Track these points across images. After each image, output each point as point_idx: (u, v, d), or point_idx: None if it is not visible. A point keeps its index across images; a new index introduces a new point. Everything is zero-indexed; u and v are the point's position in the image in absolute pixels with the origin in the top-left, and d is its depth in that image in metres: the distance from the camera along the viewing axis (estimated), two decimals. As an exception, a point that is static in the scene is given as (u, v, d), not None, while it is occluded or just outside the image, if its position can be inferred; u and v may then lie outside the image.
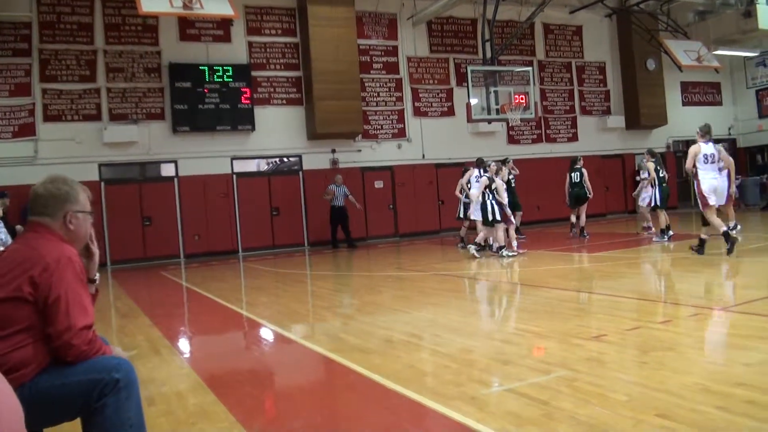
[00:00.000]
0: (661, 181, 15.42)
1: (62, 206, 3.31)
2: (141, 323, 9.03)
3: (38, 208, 3.31)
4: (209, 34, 19.94)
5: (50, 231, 3.28)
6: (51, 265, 3.07)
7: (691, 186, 15.40)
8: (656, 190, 15.33)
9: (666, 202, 15.58)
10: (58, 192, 3.32)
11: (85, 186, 3.50)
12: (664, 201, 15.41)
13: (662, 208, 15.33)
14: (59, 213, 3.31)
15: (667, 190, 15.56)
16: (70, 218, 3.33)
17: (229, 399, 5.11)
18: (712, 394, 4.34)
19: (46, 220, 3.29)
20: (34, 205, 3.32)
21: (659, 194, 15.29)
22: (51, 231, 3.28)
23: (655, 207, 15.40)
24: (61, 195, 3.32)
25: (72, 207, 3.34)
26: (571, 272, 11.90)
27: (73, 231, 3.35)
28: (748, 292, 8.30)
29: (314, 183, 20.82)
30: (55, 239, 3.25)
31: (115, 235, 18.24)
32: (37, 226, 3.29)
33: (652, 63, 25.97)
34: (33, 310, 3.04)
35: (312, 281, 13.43)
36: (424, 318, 8.22)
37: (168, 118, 19.23)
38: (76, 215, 3.35)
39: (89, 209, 3.47)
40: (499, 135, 23.92)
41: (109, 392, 3.05)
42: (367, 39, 22.04)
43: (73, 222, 3.34)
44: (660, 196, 15.28)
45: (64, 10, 18.33)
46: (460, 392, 4.80)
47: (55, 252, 3.13)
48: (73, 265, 3.16)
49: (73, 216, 3.34)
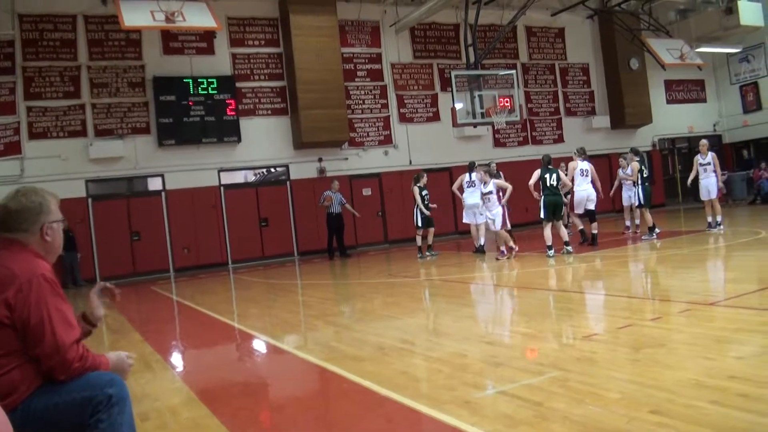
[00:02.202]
0: (645, 180, 15.47)
1: (37, 218, 3.22)
2: (132, 339, 8.99)
3: (12, 223, 3.20)
4: (192, 46, 19.93)
5: (23, 247, 3.18)
6: (25, 286, 2.99)
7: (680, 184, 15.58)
8: (639, 189, 15.38)
9: (649, 200, 15.67)
10: (32, 205, 3.22)
11: (53, 192, 3.39)
12: (648, 199, 15.47)
13: (647, 206, 15.39)
14: (35, 226, 3.22)
15: (649, 188, 15.63)
16: (46, 230, 3.25)
17: (222, 412, 5.08)
18: (706, 389, 4.34)
19: (21, 236, 3.20)
20: (6, 221, 3.20)
21: (642, 193, 15.34)
22: (24, 246, 3.19)
23: (640, 206, 15.45)
24: (35, 207, 3.23)
25: (47, 218, 3.26)
26: (561, 272, 11.92)
27: (49, 242, 3.27)
28: (737, 287, 8.33)
29: (302, 192, 20.81)
30: (30, 255, 3.16)
31: (104, 251, 18.15)
32: (8, 243, 3.18)
33: (636, 62, 26.10)
34: (12, 333, 2.97)
35: (303, 291, 13.40)
36: (415, 323, 8.22)
37: (153, 132, 19.18)
38: (51, 226, 3.27)
39: (61, 217, 3.38)
40: (485, 139, 23.98)
41: (103, 408, 3.02)
42: (351, 47, 22.07)
43: (49, 233, 3.27)
44: (644, 195, 15.34)
45: (47, 27, 18.27)
46: (454, 396, 4.79)
47: (29, 270, 3.05)
48: (48, 282, 3.07)
49: (48, 227, 3.26)
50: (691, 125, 28.73)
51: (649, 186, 15.61)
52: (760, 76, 27.60)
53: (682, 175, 25.95)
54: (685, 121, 28.63)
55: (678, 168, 28.14)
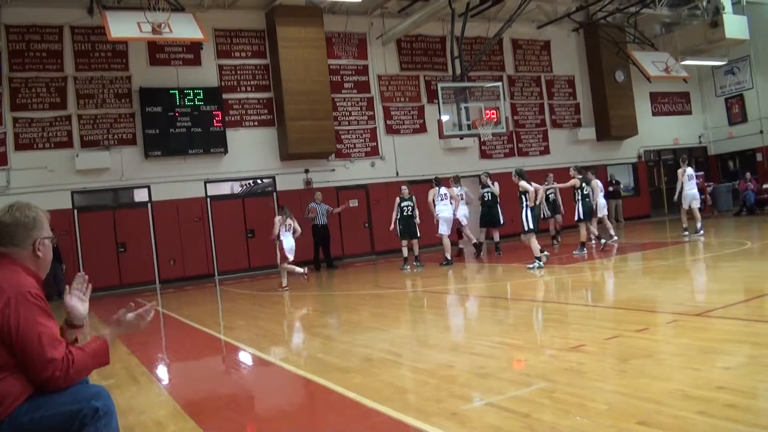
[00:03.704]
0: (585, 196, 15.94)
1: (30, 234, 3.23)
2: (118, 351, 8.92)
3: (4, 237, 3.20)
4: (179, 58, 19.89)
5: (14, 261, 3.18)
6: (12, 300, 2.99)
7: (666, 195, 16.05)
8: (579, 205, 15.92)
9: (589, 216, 16.20)
10: (26, 220, 3.23)
11: (43, 209, 3.40)
12: (588, 215, 16.01)
13: (587, 220, 16.03)
14: (28, 241, 3.22)
15: (589, 204, 16.10)
16: (38, 246, 3.25)
17: (208, 425, 5.05)
18: (693, 400, 4.35)
19: (12, 250, 3.19)
20: None
21: (582, 208, 15.86)
22: (14, 261, 3.18)
23: (579, 220, 15.96)
24: (29, 223, 3.23)
25: (39, 234, 3.27)
26: (547, 284, 11.93)
27: (41, 258, 3.28)
28: (723, 297, 8.36)
29: (289, 204, 20.65)
30: (19, 270, 3.15)
31: (90, 263, 18.01)
32: (1, 258, 3.18)
33: (621, 75, 26.23)
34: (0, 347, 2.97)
35: (289, 302, 13.37)
36: (402, 335, 8.21)
37: (140, 143, 19.10)
38: (43, 242, 3.28)
39: (52, 234, 3.40)
40: (472, 150, 24.02)
41: (89, 421, 3.02)
42: (337, 59, 22.08)
43: (41, 249, 3.27)
44: (583, 210, 15.84)
45: (33, 37, 18.19)
46: (441, 408, 4.78)
47: (15, 286, 3.04)
48: (34, 299, 3.06)
49: (41, 243, 3.27)
50: (676, 137, 28.92)
51: (590, 202, 16.14)
52: (745, 89, 27.81)
53: (668, 186, 26.06)
54: (670, 133, 28.80)
55: (664, 179, 28.25)
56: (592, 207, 16.29)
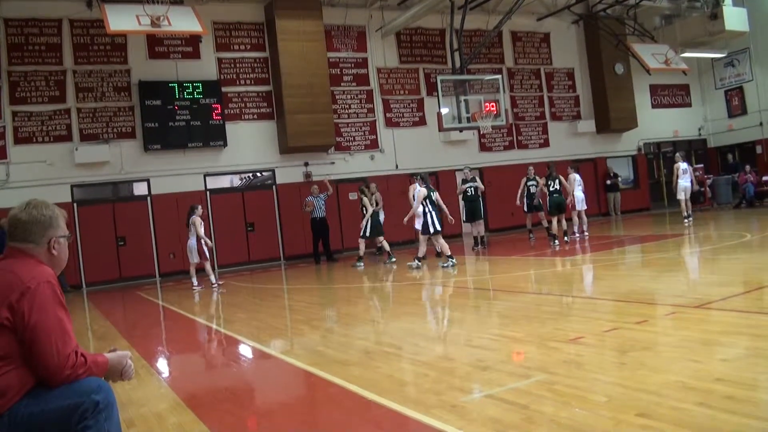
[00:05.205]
0: (552, 192, 16.83)
1: (46, 232, 3.28)
2: (118, 345, 8.91)
3: (20, 234, 3.25)
4: (178, 51, 19.86)
5: (30, 255, 3.23)
6: (30, 290, 3.03)
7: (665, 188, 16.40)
8: (548, 200, 16.80)
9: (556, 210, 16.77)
10: (42, 218, 3.28)
11: (61, 208, 3.45)
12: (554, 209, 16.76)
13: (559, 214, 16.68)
14: (43, 239, 3.27)
15: (556, 199, 16.82)
16: (53, 244, 3.30)
17: (209, 417, 5.06)
18: (692, 391, 4.36)
19: (28, 246, 3.25)
20: (14, 231, 3.26)
21: (549, 203, 16.83)
22: (31, 255, 3.23)
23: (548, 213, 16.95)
24: (45, 221, 3.28)
25: (55, 232, 3.32)
26: (545, 276, 11.94)
27: (55, 256, 3.33)
28: (722, 290, 8.35)
29: (288, 197, 20.75)
30: (35, 262, 3.20)
31: (90, 256, 18.05)
32: (17, 252, 3.24)
33: (621, 67, 26.21)
34: (11, 335, 2.99)
35: (289, 295, 13.37)
36: (401, 327, 8.21)
37: (139, 137, 19.09)
38: (59, 240, 3.33)
39: (68, 232, 3.44)
40: (471, 143, 24.00)
41: (90, 415, 3.03)
42: (337, 51, 22.05)
43: (56, 247, 3.32)
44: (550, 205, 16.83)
45: (32, 31, 18.15)
46: (441, 400, 4.79)
47: (34, 276, 3.09)
48: (52, 287, 3.11)
49: (56, 241, 3.32)
50: (676, 129, 28.90)
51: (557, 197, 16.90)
52: (745, 81, 27.78)
53: (668, 179, 26.04)
54: (670, 125, 28.77)
55: (663, 172, 28.24)
56: (561, 201, 16.83)
